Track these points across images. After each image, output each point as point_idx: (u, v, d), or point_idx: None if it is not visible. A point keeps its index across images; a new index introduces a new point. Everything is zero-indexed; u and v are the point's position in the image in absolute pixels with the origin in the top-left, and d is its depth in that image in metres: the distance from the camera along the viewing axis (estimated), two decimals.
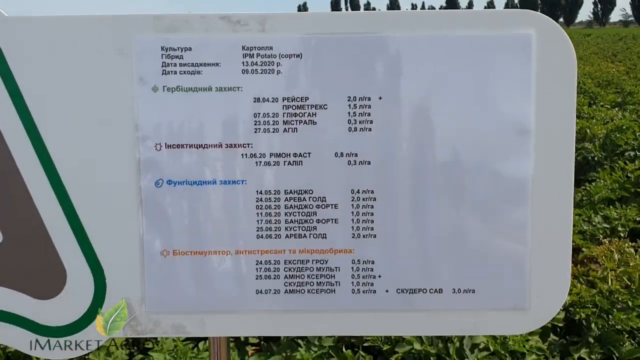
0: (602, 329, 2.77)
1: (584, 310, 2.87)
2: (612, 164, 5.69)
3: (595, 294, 2.93)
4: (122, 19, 0.89)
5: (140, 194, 0.92)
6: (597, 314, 2.82)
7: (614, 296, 2.93)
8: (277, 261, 0.94)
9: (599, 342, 2.73)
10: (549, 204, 0.91)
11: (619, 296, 2.90)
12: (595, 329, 2.78)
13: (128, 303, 0.94)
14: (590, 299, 2.91)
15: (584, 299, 2.92)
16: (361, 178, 0.92)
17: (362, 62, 0.90)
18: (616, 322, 2.74)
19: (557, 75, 0.88)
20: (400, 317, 0.94)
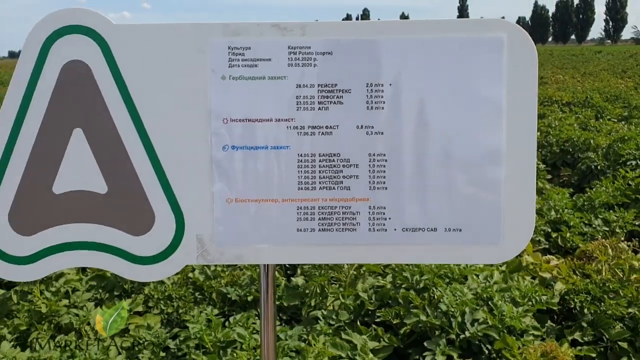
0: (594, 315, 3.03)
1: (578, 297, 3.14)
2: (615, 173, 5.95)
3: (588, 284, 3.20)
4: (201, 27, 1.22)
5: (211, 157, 1.24)
6: (589, 301, 3.09)
7: (606, 285, 3.20)
8: (313, 207, 1.24)
9: (591, 326, 3.00)
10: (517, 165, 1.21)
11: (610, 285, 3.17)
12: (588, 314, 3.06)
13: (200, 238, 1.25)
14: (584, 287, 3.17)
15: (578, 287, 3.19)
16: (376, 144, 1.23)
17: (376, 58, 1.21)
18: (607, 308, 3.01)
19: (522, 66, 1.19)
20: (406, 250, 1.24)
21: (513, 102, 1.20)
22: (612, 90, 13.83)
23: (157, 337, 2.67)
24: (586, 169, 6.33)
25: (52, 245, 1.26)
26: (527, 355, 2.24)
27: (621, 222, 4.51)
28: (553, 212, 4.61)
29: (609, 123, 8.68)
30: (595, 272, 3.32)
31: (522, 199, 1.22)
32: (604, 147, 6.61)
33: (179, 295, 3.18)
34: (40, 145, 1.23)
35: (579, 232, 4.37)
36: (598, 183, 5.58)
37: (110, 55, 1.22)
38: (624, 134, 6.82)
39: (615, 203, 5.01)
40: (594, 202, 4.90)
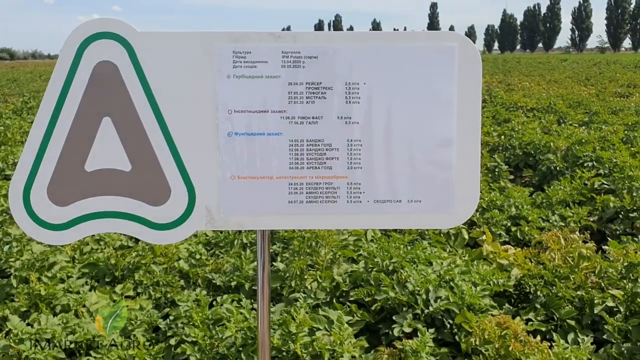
0: (546, 297, 3.36)
1: (532, 281, 3.47)
2: (572, 173, 6.36)
3: (542, 269, 3.53)
4: (210, 34, 1.49)
5: (218, 141, 1.50)
6: (542, 285, 3.42)
7: (557, 271, 3.54)
8: (302, 183, 1.52)
9: (544, 307, 3.34)
10: (465, 149, 1.51)
11: (561, 270, 3.51)
12: (541, 296, 3.38)
13: (209, 209, 1.52)
14: (537, 273, 3.51)
15: (533, 273, 3.53)
16: (353, 132, 1.51)
17: (353, 62, 1.50)
18: (558, 291, 3.34)
19: (469, 69, 1.49)
20: (377, 218, 1.53)
21: (462, 98, 1.50)
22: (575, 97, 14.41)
23: (149, 316, 2.90)
24: (546, 169, 6.73)
25: (84, 214, 1.51)
26: (483, 325, 2.54)
27: (575, 218, 4.89)
28: (513, 208, 4.96)
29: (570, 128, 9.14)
30: (549, 260, 3.66)
31: (469, 176, 1.52)
32: (563, 149, 7.03)
33: (166, 282, 3.41)
34: (75, 130, 1.49)
35: (537, 226, 4.73)
36: (557, 183, 5.96)
37: (134, 57, 1.49)
38: (582, 137, 7.25)
39: (571, 201, 5.40)
40: (551, 199, 5.28)
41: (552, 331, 3.17)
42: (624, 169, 5.82)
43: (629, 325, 2.92)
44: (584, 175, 6.03)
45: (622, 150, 6.84)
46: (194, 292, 3.04)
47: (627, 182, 5.34)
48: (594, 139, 7.30)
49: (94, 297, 3.10)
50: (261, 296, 1.63)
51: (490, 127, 9.26)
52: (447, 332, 2.82)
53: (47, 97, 1.47)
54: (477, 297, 2.94)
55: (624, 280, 3.31)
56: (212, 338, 2.53)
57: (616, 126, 8.82)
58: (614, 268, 3.39)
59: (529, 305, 3.37)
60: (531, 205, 5.12)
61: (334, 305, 2.86)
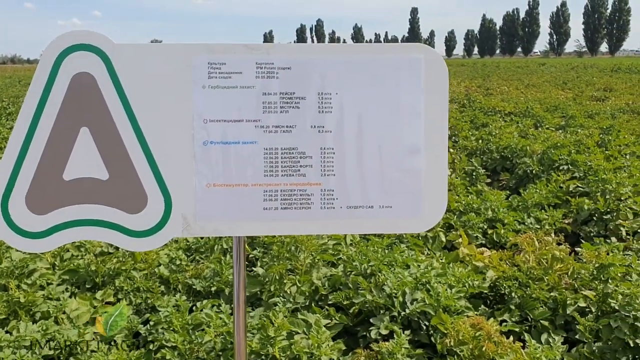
0: (521, 298, 3.44)
1: (507, 283, 3.54)
2: (548, 176, 6.48)
3: (516, 271, 3.61)
4: (186, 46, 1.53)
5: (194, 150, 1.54)
6: (517, 286, 3.50)
7: (531, 272, 3.62)
8: (276, 190, 1.57)
9: (518, 308, 3.42)
10: (433, 156, 1.57)
11: (535, 272, 3.59)
12: (516, 297, 3.46)
13: (185, 216, 1.56)
14: (512, 274, 3.59)
15: (507, 274, 3.60)
16: (326, 140, 1.56)
17: (325, 73, 1.55)
18: (532, 292, 3.42)
19: (436, 80, 1.55)
20: (349, 223, 1.58)
21: (429, 107, 1.56)
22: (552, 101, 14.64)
23: (129, 322, 2.92)
24: (523, 173, 6.85)
25: (62, 222, 1.54)
26: (458, 326, 2.61)
27: (550, 220, 4.99)
28: (490, 211, 5.05)
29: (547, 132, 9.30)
30: (523, 262, 3.75)
31: (437, 182, 1.58)
32: (539, 153, 7.16)
33: (147, 287, 3.43)
34: (53, 140, 1.52)
35: (512, 229, 4.82)
36: (533, 186, 6.07)
37: (112, 68, 1.52)
38: (557, 141, 7.39)
39: (547, 203, 5.51)
40: (527, 202, 5.38)
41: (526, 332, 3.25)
42: (598, 172, 5.95)
43: (599, 325, 3.00)
44: (559, 179, 6.15)
45: (597, 153, 6.99)
46: (174, 297, 3.06)
47: (601, 185, 5.46)
48: (570, 143, 7.44)
49: (74, 304, 3.11)
50: (237, 301, 1.67)
51: (468, 131, 9.38)
52: (423, 334, 2.88)
53: (26, 107, 1.50)
54: (453, 299, 3.00)
55: (595, 281, 3.39)
56: (192, 343, 2.56)
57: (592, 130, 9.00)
58: (585, 269, 3.48)
59: (504, 306, 3.45)
60: (507, 208, 5.21)
61: (312, 309, 2.90)
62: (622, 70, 31.74)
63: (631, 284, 3.10)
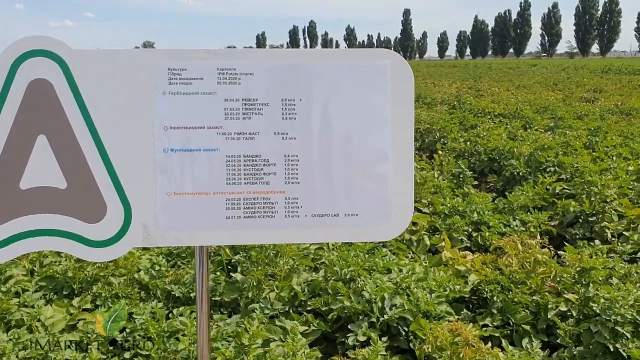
0: (502, 302, 3.41)
1: (489, 287, 3.52)
2: (535, 178, 6.47)
3: (498, 275, 3.59)
4: (146, 52, 1.49)
5: (154, 158, 1.51)
6: (499, 290, 3.48)
7: (513, 276, 3.60)
8: (239, 198, 1.53)
9: (500, 312, 3.39)
10: (399, 163, 1.54)
11: (517, 276, 3.57)
12: (498, 301, 3.44)
13: (145, 225, 1.52)
14: (494, 278, 3.57)
15: (489, 278, 3.58)
16: (290, 148, 1.53)
17: (289, 78, 1.52)
18: (514, 296, 3.40)
19: (402, 85, 1.52)
20: (315, 232, 1.55)
21: (395, 114, 1.53)
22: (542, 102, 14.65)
23: None
24: (510, 175, 6.84)
25: (19, 232, 1.50)
26: (436, 332, 2.58)
27: (535, 223, 4.98)
28: (475, 214, 5.03)
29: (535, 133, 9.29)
30: (505, 265, 3.73)
31: (404, 189, 1.55)
32: (526, 155, 7.15)
33: (125, 294, 3.39)
34: (9, 148, 1.48)
35: (498, 231, 4.80)
36: (519, 188, 6.06)
37: (69, 75, 1.48)
38: (544, 142, 7.38)
39: (532, 206, 5.50)
40: (512, 205, 5.36)
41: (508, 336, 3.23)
42: (584, 174, 5.94)
43: (580, 329, 2.98)
44: (545, 181, 6.14)
45: (584, 155, 6.99)
46: (150, 304, 3.02)
47: (586, 187, 5.45)
48: (557, 144, 7.43)
49: (50, 311, 3.06)
50: (200, 311, 1.64)
51: (457, 133, 9.37)
52: (403, 340, 2.85)
53: None
54: (433, 304, 2.98)
55: (577, 285, 3.38)
56: (166, 351, 2.52)
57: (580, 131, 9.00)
58: (567, 273, 3.47)
59: (486, 310, 3.42)
60: (493, 210, 5.19)
61: (291, 315, 2.87)
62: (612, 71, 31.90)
63: (611, 287, 3.08)
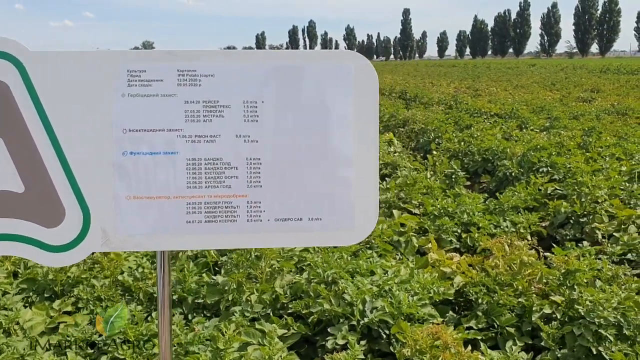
0: (488, 304, 3.39)
1: (474, 289, 3.49)
2: (528, 179, 6.44)
3: (484, 277, 3.56)
4: (105, 53, 1.47)
5: (113, 161, 1.48)
6: (484, 292, 3.45)
7: (499, 278, 3.57)
8: (200, 202, 1.51)
9: (485, 315, 3.36)
10: (363, 166, 1.51)
11: (502, 278, 3.55)
12: (483, 304, 3.41)
13: (104, 229, 1.50)
14: (480, 280, 3.54)
15: (475, 280, 3.55)
16: (252, 151, 1.51)
17: (251, 80, 1.49)
18: (499, 298, 3.37)
19: (366, 88, 1.50)
20: (277, 237, 1.52)
21: (359, 117, 1.50)
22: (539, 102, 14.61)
23: (83, 333, 2.85)
24: (502, 175, 6.81)
25: None
26: (415, 335, 2.55)
27: (526, 223, 4.95)
28: (465, 215, 5.00)
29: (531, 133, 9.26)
30: (492, 267, 3.70)
31: (368, 193, 1.52)
32: (519, 155, 7.12)
33: (107, 296, 3.36)
34: None
35: (487, 232, 4.77)
36: (511, 188, 6.03)
37: (27, 77, 1.46)
38: (537, 143, 7.35)
39: (524, 206, 5.46)
40: (503, 205, 5.33)
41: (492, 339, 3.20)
42: (576, 174, 5.92)
43: (564, 332, 2.96)
44: (537, 181, 6.11)
45: (578, 155, 6.96)
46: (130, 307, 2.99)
47: (577, 187, 5.42)
48: (550, 145, 7.40)
49: (29, 314, 3.03)
50: (162, 316, 1.61)
51: (452, 133, 9.34)
52: (384, 343, 2.82)
53: None
54: (416, 307, 2.95)
55: (562, 287, 3.35)
56: (142, 355, 2.49)
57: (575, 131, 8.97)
58: (553, 275, 3.44)
59: (471, 312, 3.40)
60: (483, 211, 5.16)
61: (271, 319, 2.84)
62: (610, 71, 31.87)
63: (595, 290, 3.05)
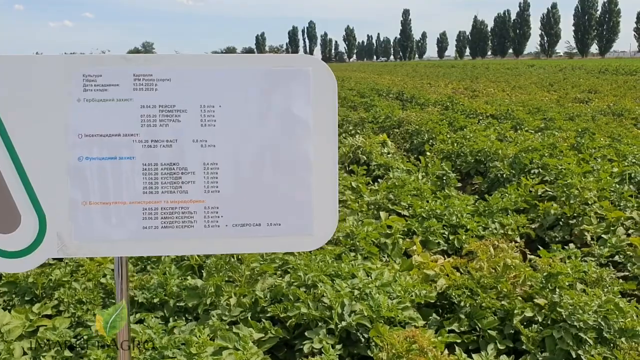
0: (470, 307, 3.37)
1: (456, 291, 3.48)
2: (519, 180, 6.42)
3: (467, 279, 3.55)
4: (61, 58, 1.45)
5: (68, 166, 1.47)
6: (467, 295, 3.43)
7: (482, 280, 3.55)
8: (156, 208, 1.49)
9: (468, 317, 3.34)
10: (323, 171, 1.50)
11: (485, 280, 3.53)
12: (465, 306, 3.39)
13: (60, 235, 1.48)
14: (462, 283, 3.52)
15: (458, 283, 3.54)
16: (209, 155, 1.49)
17: (208, 84, 1.48)
18: (481, 301, 3.35)
19: (324, 92, 1.48)
20: (236, 242, 1.51)
21: (318, 121, 1.49)
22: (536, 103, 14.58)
23: (61, 336, 2.84)
24: (494, 177, 6.79)
25: None
26: (391, 339, 2.54)
27: (514, 225, 4.93)
28: (454, 217, 4.98)
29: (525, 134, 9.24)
30: (475, 269, 3.68)
31: (327, 198, 1.51)
32: (511, 157, 7.10)
33: (89, 299, 3.35)
34: None
35: (475, 234, 4.75)
36: (503, 190, 6.01)
37: None
38: (528, 144, 7.34)
39: (514, 208, 5.44)
40: (492, 207, 5.31)
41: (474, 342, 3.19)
42: (566, 176, 5.90)
43: (544, 335, 2.94)
44: (528, 183, 6.10)
45: (570, 156, 6.94)
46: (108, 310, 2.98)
47: (566, 189, 5.41)
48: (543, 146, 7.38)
49: (7, 317, 3.02)
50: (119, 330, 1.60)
51: (446, 134, 9.33)
52: (362, 347, 2.81)
53: None
54: (396, 310, 2.94)
55: (545, 290, 3.34)
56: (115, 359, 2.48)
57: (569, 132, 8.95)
58: (535, 277, 3.43)
59: (452, 315, 3.38)
60: (472, 213, 5.15)
61: (249, 323, 2.83)
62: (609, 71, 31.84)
63: (576, 293, 3.04)
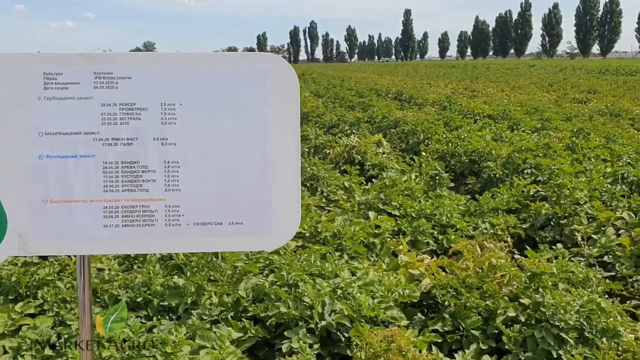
0: (455, 306, 3.36)
1: (441, 291, 3.47)
2: (512, 180, 6.41)
3: (452, 279, 3.54)
4: (21, 56, 1.45)
5: (29, 165, 1.47)
6: (451, 295, 3.42)
7: (468, 280, 3.55)
8: (117, 207, 1.49)
9: (452, 317, 3.33)
10: (284, 171, 1.50)
11: (469, 280, 3.52)
12: (449, 306, 3.38)
13: (22, 234, 1.48)
14: (447, 282, 3.51)
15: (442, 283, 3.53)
16: (170, 153, 1.49)
17: (168, 82, 1.48)
18: (466, 300, 3.34)
19: (285, 91, 1.48)
20: (197, 241, 1.51)
21: (279, 120, 1.48)
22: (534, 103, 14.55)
23: (41, 335, 2.84)
24: (487, 177, 6.78)
25: None
26: (369, 339, 2.53)
27: (503, 225, 4.92)
28: (444, 217, 4.98)
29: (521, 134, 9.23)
30: (461, 269, 3.67)
31: (289, 197, 1.51)
32: (504, 157, 7.09)
33: (73, 298, 3.35)
34: None
35: (465, 234, 4.74)
36: (496, 190, 6.01)
37: None
38: (522, 145, 7.32)
39: (506, 208, 5.43)
40: (483, 207, 5.31)
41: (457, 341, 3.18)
42: (558, 176, 5.89)
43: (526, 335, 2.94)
44: (520, 183, 6.09)
45: (564, 157, 6.93)
46: None
47: (557, 189, 5.40)
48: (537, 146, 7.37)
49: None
50: (83, 321, 1.60)
51: (442, 134, 9.32)
52: (343, 346, 2.80)
53: None
54: (379, 309, 2.93)
55: (529, 290, 3.33)
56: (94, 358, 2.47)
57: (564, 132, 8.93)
58: (519, 277, 3.42)
59: (436, 315, 3.37)
60: (463, 213, 5.14)
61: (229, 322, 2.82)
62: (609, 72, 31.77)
63: (558, 293, 3.03)
